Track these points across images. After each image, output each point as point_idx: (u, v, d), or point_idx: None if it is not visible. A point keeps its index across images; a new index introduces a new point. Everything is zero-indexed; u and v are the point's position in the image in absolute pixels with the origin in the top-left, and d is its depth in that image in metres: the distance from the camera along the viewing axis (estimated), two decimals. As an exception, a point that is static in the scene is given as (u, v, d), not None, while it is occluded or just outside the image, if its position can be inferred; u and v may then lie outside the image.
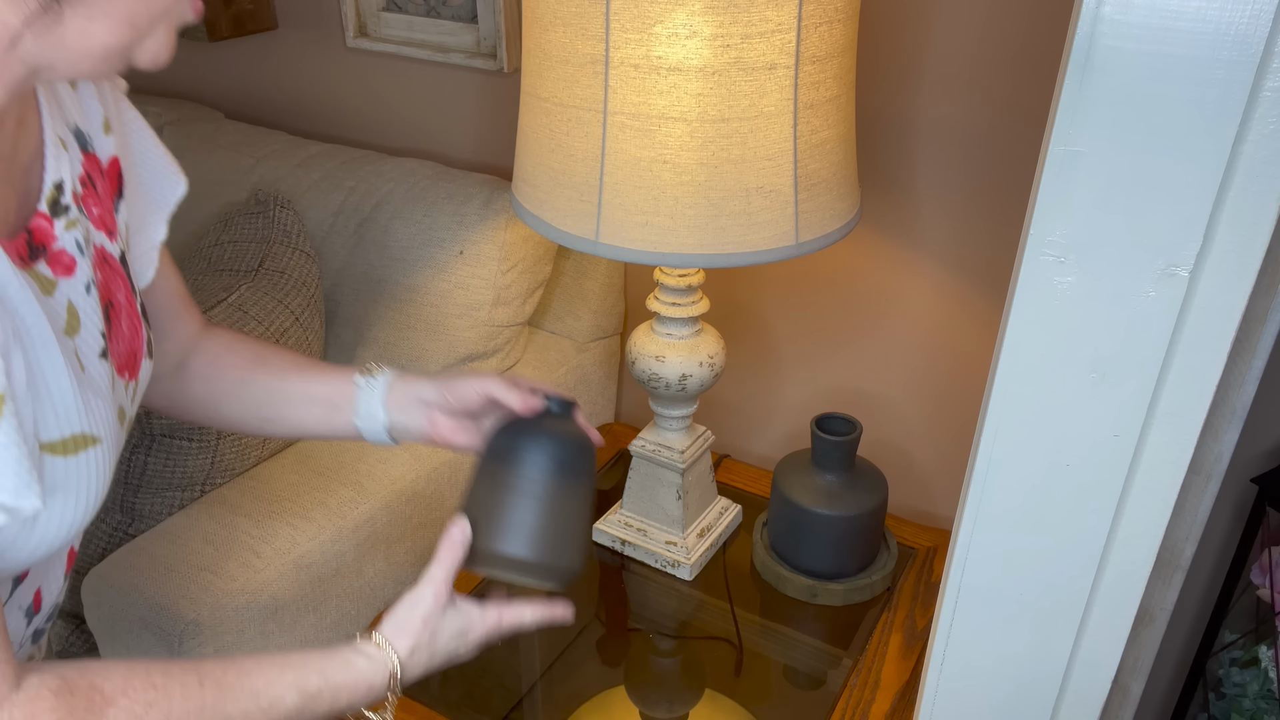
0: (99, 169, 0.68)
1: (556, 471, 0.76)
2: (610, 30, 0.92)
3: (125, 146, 0.72)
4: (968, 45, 1.18)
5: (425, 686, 1.12)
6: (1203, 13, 0.50)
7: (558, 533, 0.76)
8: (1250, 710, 1.25)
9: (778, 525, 1.25)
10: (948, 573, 0.72)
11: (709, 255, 0.98)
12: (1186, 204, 0.54)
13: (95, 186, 0.67)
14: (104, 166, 0.68)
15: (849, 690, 1.11)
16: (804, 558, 1.22)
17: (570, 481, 0.77)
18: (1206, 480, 0.75)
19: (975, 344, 1.33)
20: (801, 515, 1.19)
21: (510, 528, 0.75)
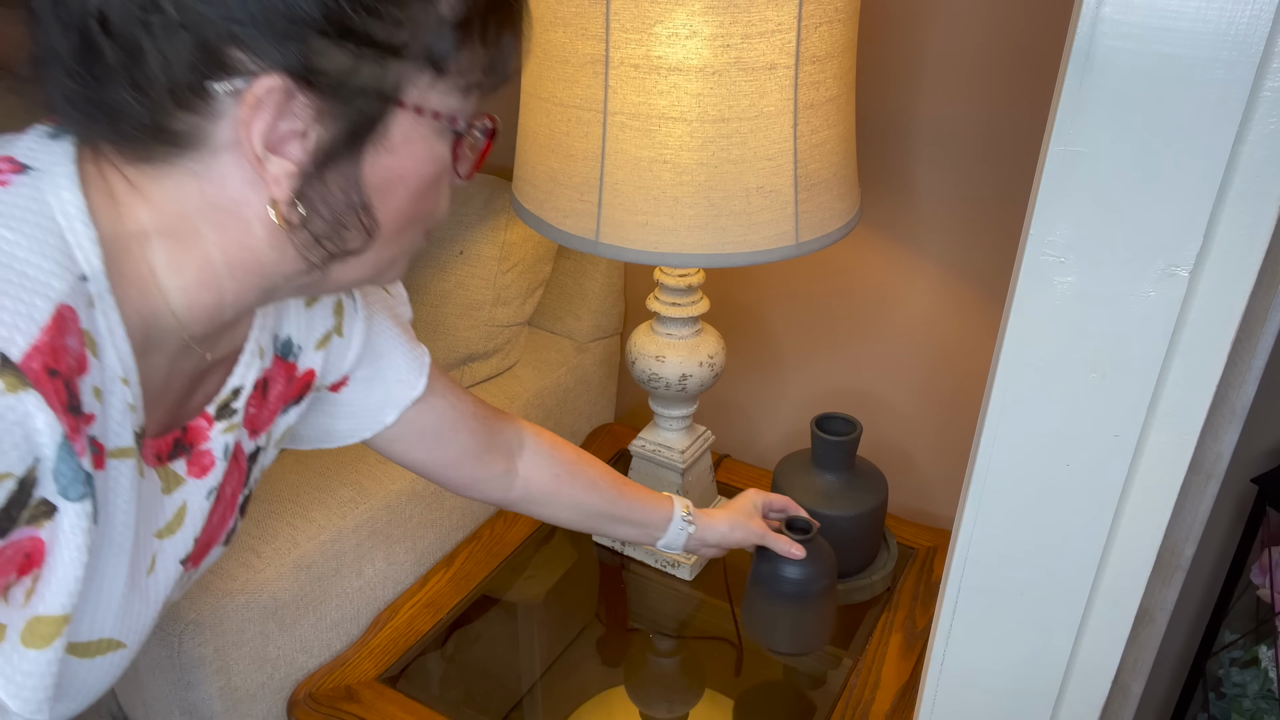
0: (288, 377, 0.68)
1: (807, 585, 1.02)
2: (610, 30, 0.92)
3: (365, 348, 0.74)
4: (968, 45, 1.18)
5: (425, 686, 1.12)
6: (1203, 13, 0.50)
7: (812, 627, 1.05)
8: (1250, 710, 1.25)
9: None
10: (948, 573, 0.72)
11: (709, 255, 0.98)
12: (1186, 204, 0.54)
13: (268, 392, 0.67)
14: (296, 375, 0.69)
15: (849, 690, 1.10)
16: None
17: (817, 590, 1.02)
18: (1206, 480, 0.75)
19: (975, 344, 1.33)
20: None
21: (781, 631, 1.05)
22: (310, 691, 1.09)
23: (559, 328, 1.55)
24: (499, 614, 1.23)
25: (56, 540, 0.48)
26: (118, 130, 0.49)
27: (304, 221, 0.52)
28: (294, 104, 0.48)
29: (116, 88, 0.47)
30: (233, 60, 0.46)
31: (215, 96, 0.47)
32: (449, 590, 1.24)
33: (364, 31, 0.47)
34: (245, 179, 0.50)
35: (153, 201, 0.51)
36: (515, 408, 1.39)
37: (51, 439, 0.45)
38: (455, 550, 1.31)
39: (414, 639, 1.17)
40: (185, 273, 0.53)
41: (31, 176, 0.49)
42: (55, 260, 0.47)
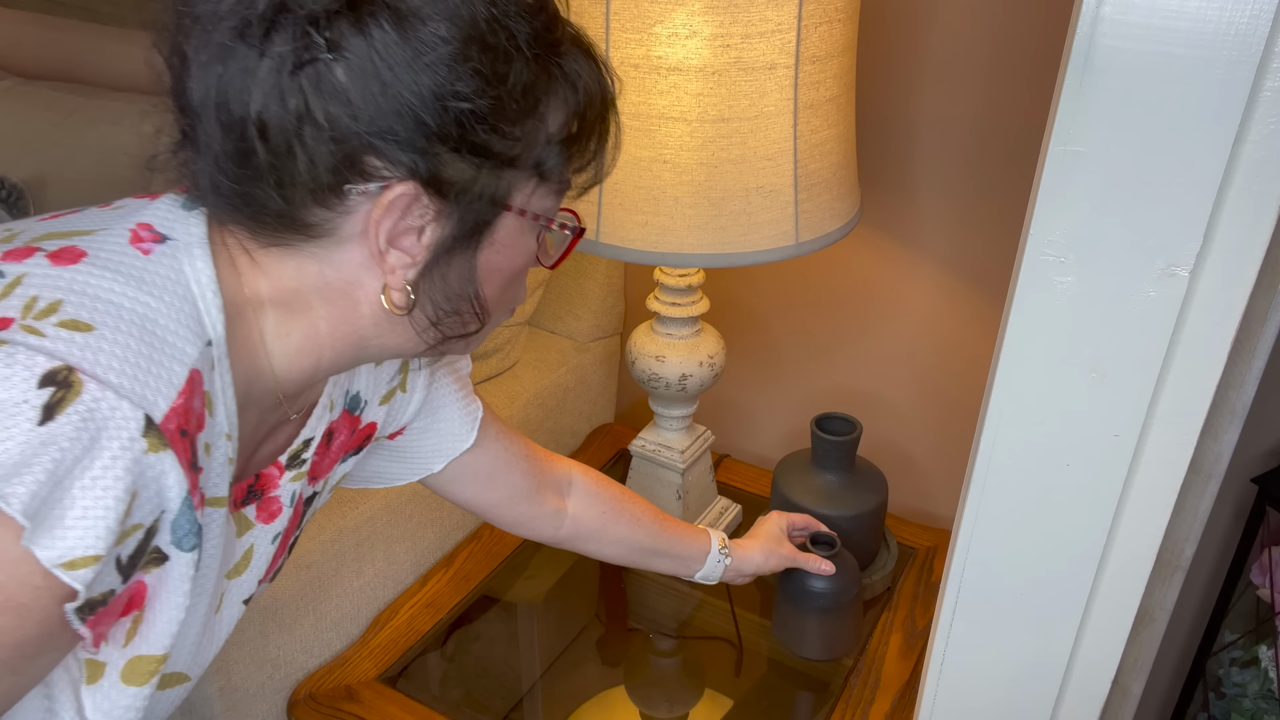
0: (351, 429, 0.72)
1: (836, 596, 1.08)
2: (610, 30, 0.92)
3: (424, 403, 0.79)
4: (968, 45, 1.18)
5: (425, 686, 1.12)
6: (1203, 13, 0.50)
7: (841, 634, 1.12)
8: (1250, 710, 1.25)
9: (778, 525, 1.25)
10: (948, 573, 0.72)
11: (709, 255, 0.98)
12: (1186, 204, 0.54)
13: (332, 442, 0.71)
14: (359, 428, 0.73)
15: (849, 690, 1.10)
16: (804, 558, 1.22)
17: (845, 600, 1.09)
18: (1206, 480, 0.75)
19: (975, 344, 1.33)
20: (801, 515, 1.19)
21: (812, 640, 1.12)
22: (310, 691, 1.09)
23: (559, 328, 1.55)
24: (499, 614, 1.23)
25: (163, 585, 0.52)
26: (255, 218, 0.54)
27: (411, 307, 0.57)
28: (418, 205, 0.53)
29: (263, 184, 0.52)
30: (370, 167, 0.51)
31: (349, 196, 0.52)
32: (449, 590, 1.24)
33: (486, 146, 0.53)
34: (362, 265, 0.55)
35: (271, 276, 0.56)
36: (515, 408, 1.39)
37: (178, 494, 0.50)
38: (455, 550, 1.31)
39: (414, 639, 1.17)
40: (291, 339, 0.57)
41: (170, 246, 0.53)
42: (189, 327, 0.51)
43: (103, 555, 0.46)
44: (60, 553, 0.44)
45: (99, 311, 0.48)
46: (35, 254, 0.50)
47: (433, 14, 0.50)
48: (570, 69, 0.56)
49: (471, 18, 0.51)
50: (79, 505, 0.45)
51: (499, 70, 0.52)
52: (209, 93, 0.51)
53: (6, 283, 0.48)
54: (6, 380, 0.44)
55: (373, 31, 0.49)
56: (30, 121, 1.72)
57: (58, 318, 0.47)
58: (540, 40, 0.54)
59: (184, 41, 0.51)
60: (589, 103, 0.58)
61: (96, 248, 0.51)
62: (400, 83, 0.50)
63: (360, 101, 0.50)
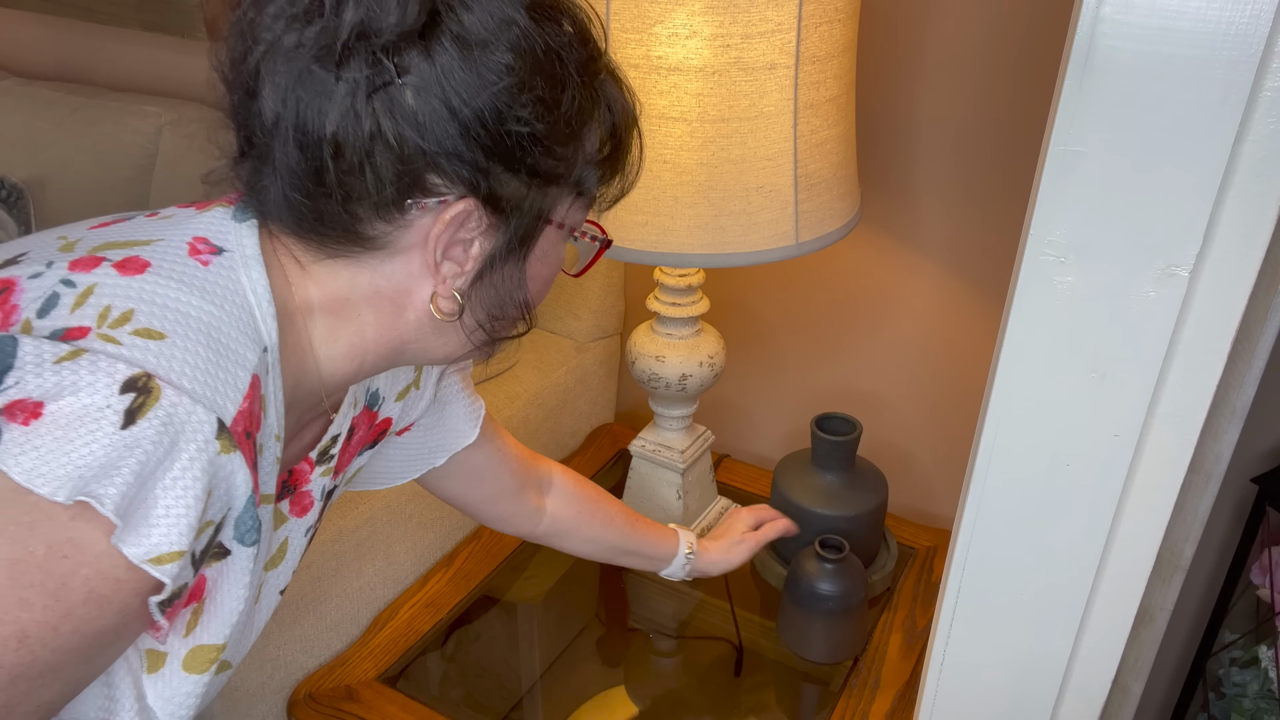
0: (369, 424, 0.75)
1: (841, 600, 1.09)
2: (610, 30, 0.92)
3: (432, 401, 0.83)
4: (968, 45, 1.18)
5: (425, 686, 1.12)
6: (1203, 13, 0.50)
7: (845, 638, 1.13)
8: (1250, 710, 1.25)
9: (778, 525, 1.25)
10: (948, 573, 0.72)
11: (709, 255, 0.98)
12: (1186, 204, 0.54)
13: (352, 438, 0.74)
14: (376, 422, 0.76)
15: (849, 690, 1.11)
16: (804, 558, 1.22)
17: (850, 604, 1.10)
18: (1206, 480, 0.75)
19: (975, 344, 1.33)
20: (801, 515, 1.19)
21: (817, 643, 1.13)
22: (310, 691, 1.09)
23: (559, 328, 1.55)
24: (499, 614, 1.23)
25: (224, 577, 0.55)
26: (318, 230, 0.57)
27: (459, 313, 0.61)
28: (473, 220, 0.57)
29: (331, 200, 0.55)
30: (432, 184, 0.55)
31: (410, 211, 0.56)
32: (449, 590, 1.24)
33: (538, 166, 0.57)
34: (412, 275, 0.59)
35: (323, 284, 0.59)
36: (515, 408, 1.39)
37: (245, 492, 0.52)
38: (455, 550, 1.31)
39: (414, 639, 1.17)
40: (338, 345, 0.60)
41: (226, 258, 0.56)
42: (248, 335, 0.54)
43: (185, 551, 0.48)
44: (147, 549, 0.47)
45: (169, 320, 0.51)
46: (102, 264, 0.52)
47: (498, 44, 0.54)
48: (607, 93, 0.61)
49: (532, 48, 0.55)
50: (161, 504, 0.48)
51: (555, 97, 0.56)
52: (286, 114, 0.53)
53: (79, 292, 0.50)
54: (90, 386, 0.46)
55: (441, 59, 0.53)
56: (30, 121, 1.72)
57: (132, 326, 0.49)
58: (587, 68, 0.59)
59: (261, 64, 0.54)
60: (623, 124, 0.63)
61: (159, 259, 0.53)
62: (466, 107, 0.53)
63: (428, 123, 0.53)
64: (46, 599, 0.45)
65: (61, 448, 0.45)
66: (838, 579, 1.09)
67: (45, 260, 0.52)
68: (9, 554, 0.44)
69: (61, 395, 0.46)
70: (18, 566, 0.44)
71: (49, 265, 0.51)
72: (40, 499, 0.44)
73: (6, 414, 0.45)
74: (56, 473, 0.44)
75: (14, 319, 0.49)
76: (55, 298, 0.50)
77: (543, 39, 0.55)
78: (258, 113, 0.55)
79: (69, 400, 0.45)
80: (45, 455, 0.44)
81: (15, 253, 0.54)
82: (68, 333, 0.48)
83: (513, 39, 0.54)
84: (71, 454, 0.45)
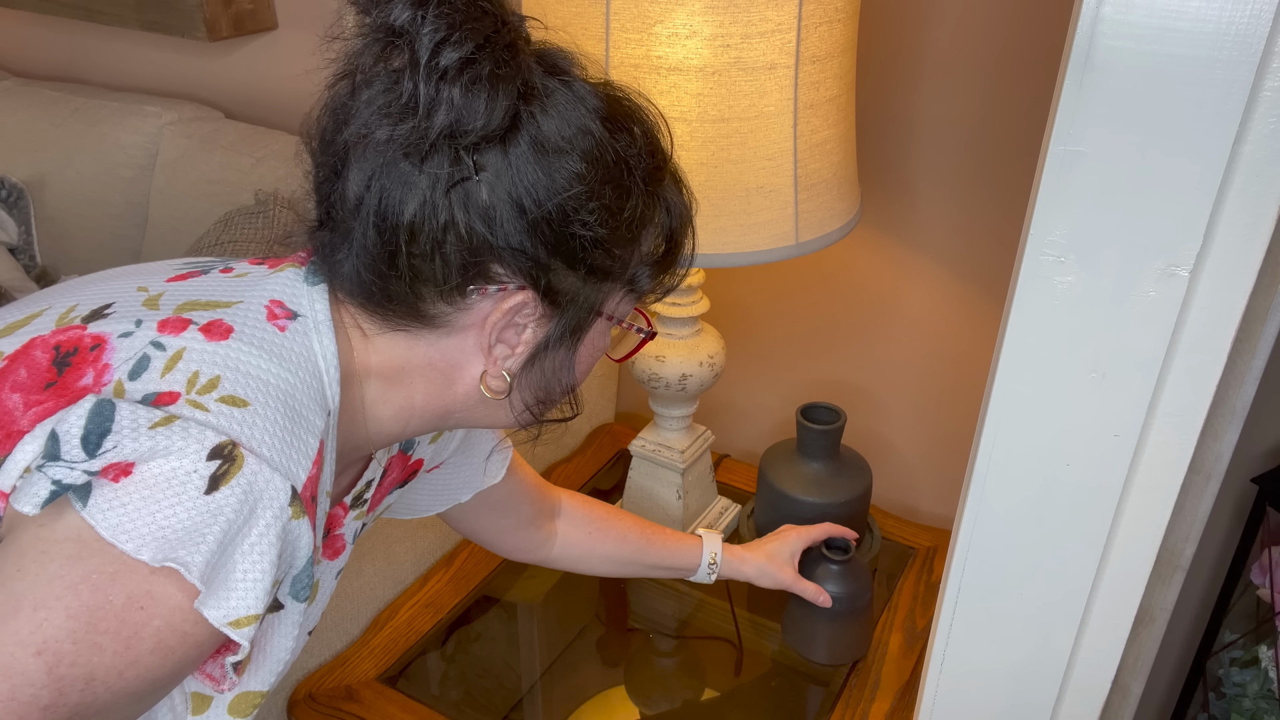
0: (403, 465, 0.77)
1: (846, 603, 1.09)
2: (610, 30, 0.92)
3: (464, 440, 0.84)
4: (968, 45, 1.18)
5: (425, 686, 1.12)
6: (1203, 13, 0.50)
7: (850, 640, 1.12)
8: (1250, 710, 1.25)
9: (765, 514, 1.26)
10: (948, 573, 0.72)
11: (709, 255, 0.98)
12: (1186, 204, 0.54)
13: (385, 479, 0.75)
14: (409, 464, 0.78)
15: (849, 690, 1.11)
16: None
17: (855, 607, 1.10)
18: (1206, 480, 0.75)
19: (975, 344, 1.33)
20: (788, 503, 1.20)
21: (822, 645, 1.12)
22: (310, 691, 1.09)
23: (559, 328, 1.54)
24: (499, 614, 1.23)
25: (274, 629, 0.57)
26: (382, 305, 0.59)
27: (508, 391, 0.63)
28: (529, 308, 0.59)
29: (399, 280, 0.57)
30: (494, 273, 0.57)
31: (471, 296, 0.58)
32: (449, 590, 1.24)
33: (595, 265, 0.59)
34: (466, 352, 0.61)
35: (383, 353, 0.61)
36: (515, 408, 1.39)
37: (306, 554, 0.54)
38: (455, 550, 1.31)
39: (414, 639, 1.17)
40: (387, 407, 0.62)
41: (300, 324, 0.58)
42: (317, 401, 0.56)
43: (261, 614, 0.51)
44: (226, 612, 0.49)
45: (251, 388, 0.53)
46: (189, 327, 0.54)
47: (572, 151, 0.56)
48: (668, 198, 0.63)
49: (603, 158, 0.57)
50: (240, 568, 0.50)
51: (619, 204, 0.59)
52: (369, 198, 0.56)
53: (169, 356, 0.52)
54: (181, 452, 0.48)
55: (516, 160, 0.55)
56: (30, 121, 1.72)
57: (218, 393, 0.51)
58: (652, 176, 0.61)
59: (351, 149, 0.56)
60: (679, 227, 0.65)
61: (241, 323, 0.56)
62: (536, 207, 0.55)
63: (499, 218, 0.55)
64: (118, 645, 0.47)
65: (148, 507, 0.47)
66: (844, 580, 1.09)
67: (134, 318, 0.54)
68: (90, 601, 0.46)
69: (154, 458, 0.48)
70: (96, 613, 0.46)
71: (138, 324, 0.54)
72: (123, 553, 0.46)
73: (103, 474, 0.47)
74: (141, 531, 0.46)
75: (106, 378, 0.51)
76: (146, 360, 0.52)
77: (614, 149, 0.58)
78: (341, 192, 0.57)
79: (159, 463, 0.47)
80: (132, 513, 0.46)
81: (99, 303, 0.56)
82: (159, 397, 0.50)
83: (586, 147, 0.57)
84: (157, 514, 0.47)
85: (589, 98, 0.58)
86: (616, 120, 0.59)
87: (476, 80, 0.53)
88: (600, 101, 0.58)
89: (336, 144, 0.57)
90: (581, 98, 0.57)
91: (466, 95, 0.53)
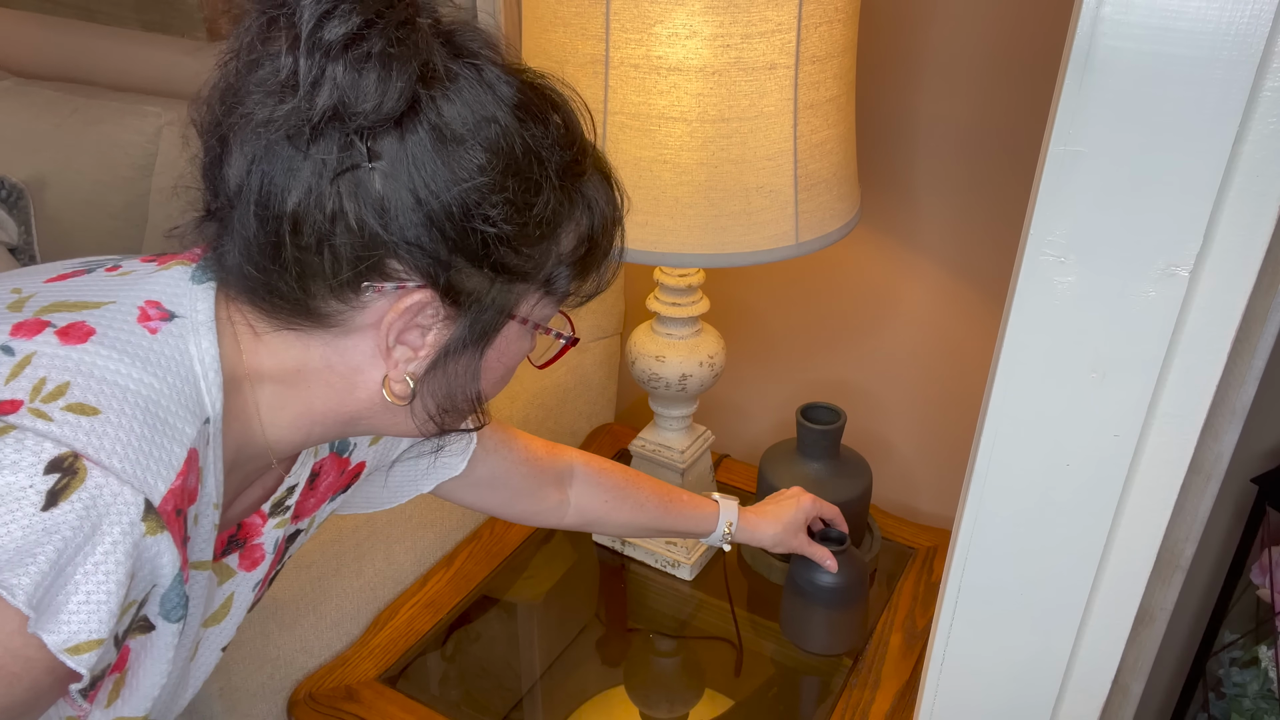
0: (340, 470, 0.73)
1: (841, 593, 1.10)
2: (610, 30, 0.92)
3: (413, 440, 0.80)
4: (968, 45, 1.18)
5: (425, 686, 1.12)
6: (1203, 13, 0.50)
7: (844, 630, 1.14)
8: (1250, 710, 1.25)
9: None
10: (948, 573, 0.72)
11: (709, 255, 0.98)
12: (1186, 204, 0.54)
13: (318, 483, 0.71)
14: (349, 469, 0.74)
15: (849, 690, 1.11)
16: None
17: (850, 597, 1.11)
18: (1206, 480, 0.74)
19: (975, 344, 1.33)
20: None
21: (817, 635, 1.14)
22: (310, 691, 1.09)
23: (559, 328, 1.54)
24: (499, 614, 1.23)
25: (146, 652, 0.53)
26: (272, 303, 0.55)
27: (411, 398, 0.58)
28: (431, 309, 0.55)
29: (286, 275, 0.53)
30: (391, 270, 0.53)
31: (366, 294, 0.54)
32: (449, 590, 1.24)
33: (503, 264, 0.55)
34: (366, 355, 0.57)
35: (275, 353, 0.57)
36: (515, 408, 1.39)
37: (171, 571, 0.50)
38: (455, 550, 1.31)
39: (414, 639, 1.17)
40: (285, 413, 0.58)
41: (177, 325, 0.54)
42: (189, 408, 0.52)
43: (105, 639, 0.47)
44: (65, 638, 0.45)
45: (105, 395, 0.49)
46: (45, 330, 0.50)
47: (475, 141, 0.52)
48: (590, 195, 0.59)
49: (510, 149, 0.53)
50: (81, 590, 0.46)
51: (528, 200, 0.54)
52: (250, 184, 0.52)
53: (16, 362, 0.48)
54: (14, 465, 0.45)
55: (414, 148, 0.51)
56: (30, 121, 1.72)
57: (65, 401, 0.48)
58: (569, 170, 0.57)
59: (230, 133, 0.52)
60: (603, 227, 0.60)
61: (105, 325, 0.52)
62: (434, 199, 0.51)
63: (393, 211, 0.51)
64: None
65: None
66: (839, 571, 1.10)
67: None
68: None
69: None
70: None
71: None
72: None
73: None
74: None
75: None
76: None
77: (523, 140, 0.54)
78: (224, 178, 0.53)
79: None
80: None
81: None
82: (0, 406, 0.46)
83: (490, 137, 0.52)
84: None
85: (499, 84, 0.53)
86: (530, 109, 0.55)
87: (365, 58, 0.49)
88: (512, 89, 0.54)
89: (222, 127, 0.53)
90: (490, 84, 0.53)
91: (353, 74, 0.49)
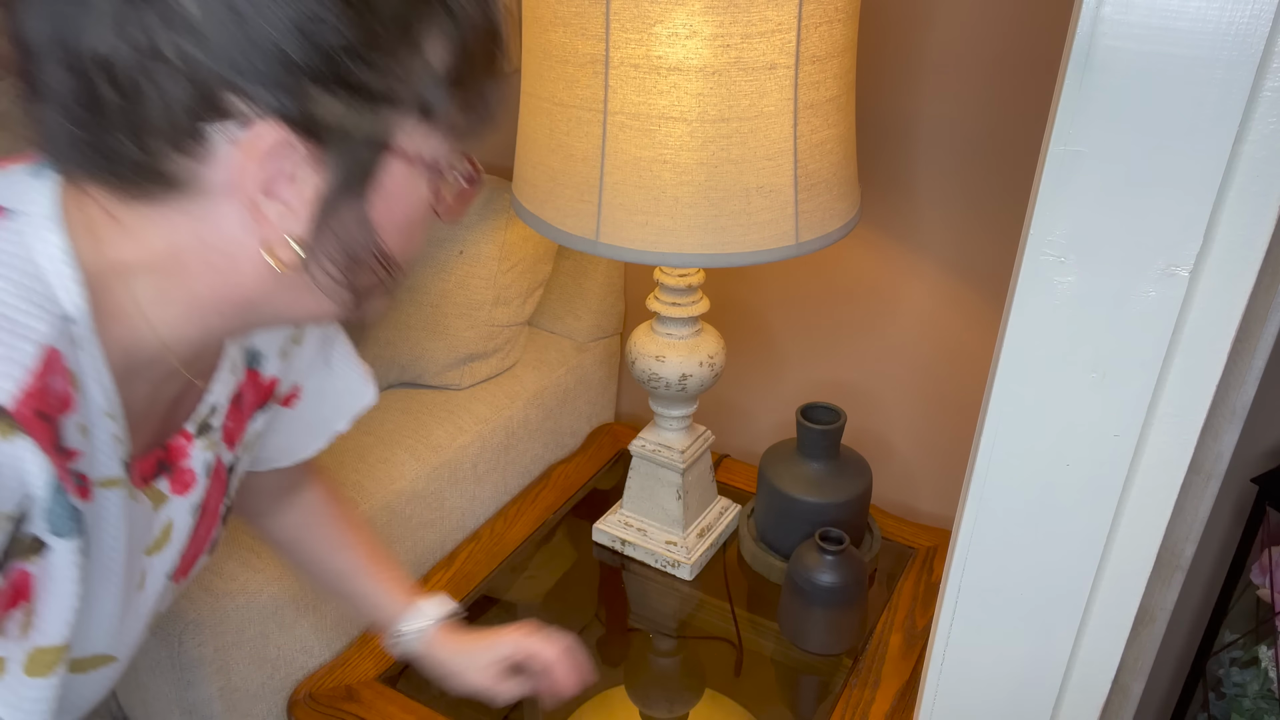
0: (256, 386, 0.70)
1: (839, 593, 1.11)
2: (610, 30, 0.92)
3: (317, 355, 0.76)
4: (968, 45, 1.18)
5: (425, 686, 1.12)
6: (1203, 13, 0.50)
7: (842, 629, 1.14)
8: (1250, 710, 1.25)
9: (765, 514, 1.26)
10: (948, 573, 0.72)
11: (709, 255, 0.98)
12: (1186, 204, 0.54)
13: (242, 404, 0.68)
14: (262, 384, 0.71)
15: (849, 690, 1.11)
16: (791, 545, 1.22)
17: (848, 597, 1.12)
18: (1206, 480, 0.75)
19: (975, 343, 1.33)
20: (788, 503, 1.20)
21: (815, 634, 1.15)
22: (310, 691, 1.09)
23: (559, 328, 1.54)
24: (499, 614, 1.23)
25: (48, 575, 0.50)
26: (112, 171, 0.49)
27: (304, 265, 0.52)
28: (290, 150, 0.48)
29: (114, 131, 0.47)
30: (230, 106, 0.47)
31: (211, 141, 0.48)
32: (449, 590, 1.24)
33: (358, 81, 0.48)
34: (239, 223, 0.50)
35: (140, 238, 0.51)
36: (515, 408, 1.39)
37: (43, 480, 0.47)
38: (455, 550, 1.31)
39: (414, 639, 1.16)
40: (172, 307, 0.53)
41: (13, 220, 0.49)
42: (38, 305, 0.48)
43: None
44: None
45: None
46: None
47: None
48: None
49: None
50: None
51: None
52: (47, 31, 0.46)
53: None
54: None
55: None
56: (30, 121, 1.72)
57: None
58: None
59: None
60: (472, 34, 0.53)
61: None
62: (258, 12, 0.45)
63: (213, 34, 0.45)
64: None
65: None
66: (838, 571, 1.10)
67: None
68: None
69: None
70: None
71: None
72: None
73: None
74: None
75: None
76: None
77: None
78: (23, 32, 0.47)
79: None
80: None
81: None
82: None
83: None
84: None
85: None
86: None
87: None
88: None
89: None
90: None
91: None
